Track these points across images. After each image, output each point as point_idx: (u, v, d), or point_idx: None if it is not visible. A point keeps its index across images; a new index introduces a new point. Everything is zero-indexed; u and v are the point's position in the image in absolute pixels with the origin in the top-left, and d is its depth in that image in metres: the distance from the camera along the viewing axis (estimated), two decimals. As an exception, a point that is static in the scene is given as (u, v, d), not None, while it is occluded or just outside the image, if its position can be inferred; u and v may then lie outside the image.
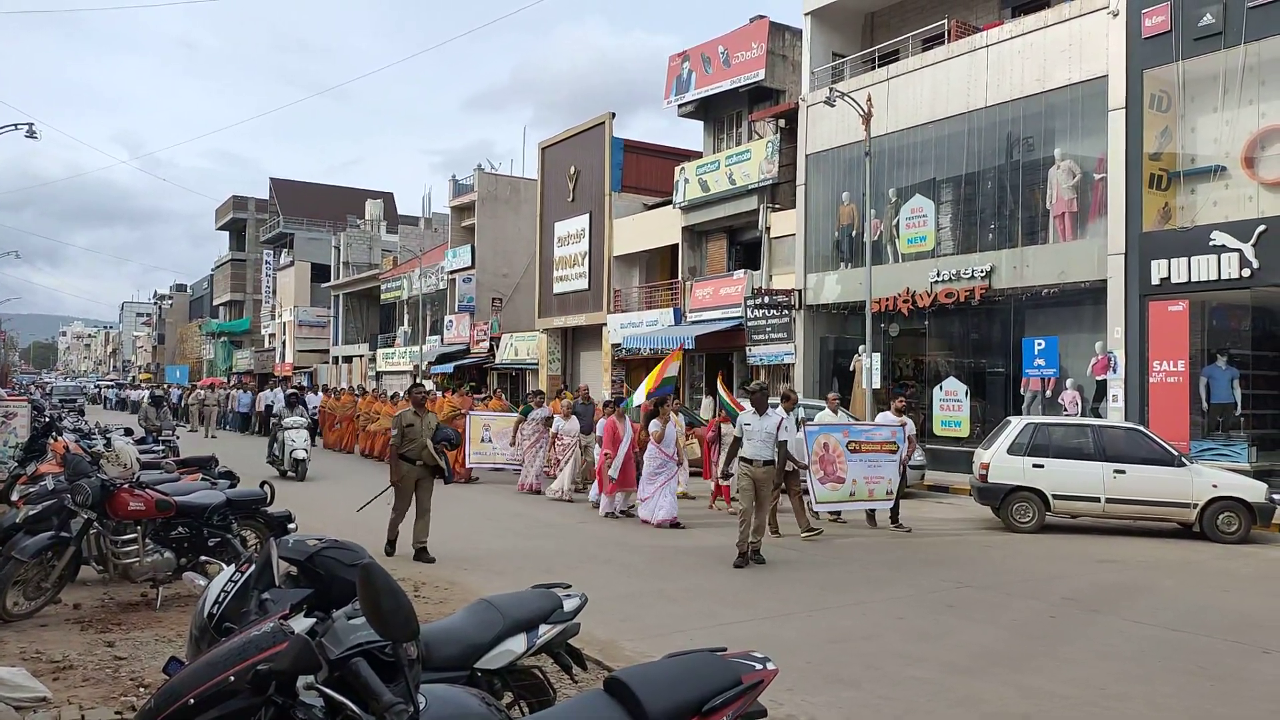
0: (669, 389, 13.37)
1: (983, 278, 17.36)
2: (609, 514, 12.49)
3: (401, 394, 25.31)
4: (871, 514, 12.08)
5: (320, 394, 28.81)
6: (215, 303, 72.73)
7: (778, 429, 9.36)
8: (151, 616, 6.74)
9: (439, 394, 22.00)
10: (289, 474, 16.77)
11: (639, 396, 13.63)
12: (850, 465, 11.64)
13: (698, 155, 26.20)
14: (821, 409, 13.57)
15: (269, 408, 28.51)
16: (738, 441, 9.54)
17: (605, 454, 12.70)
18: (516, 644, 3.70)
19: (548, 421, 15.23)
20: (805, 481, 11.41)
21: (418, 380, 20.88)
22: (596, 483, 13.21)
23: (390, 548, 9.39)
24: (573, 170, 29.76)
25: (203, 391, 34.92)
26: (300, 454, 16.83)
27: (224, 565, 5.15)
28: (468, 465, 16.47)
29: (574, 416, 14.90)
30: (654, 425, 12.43)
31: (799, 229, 21.42)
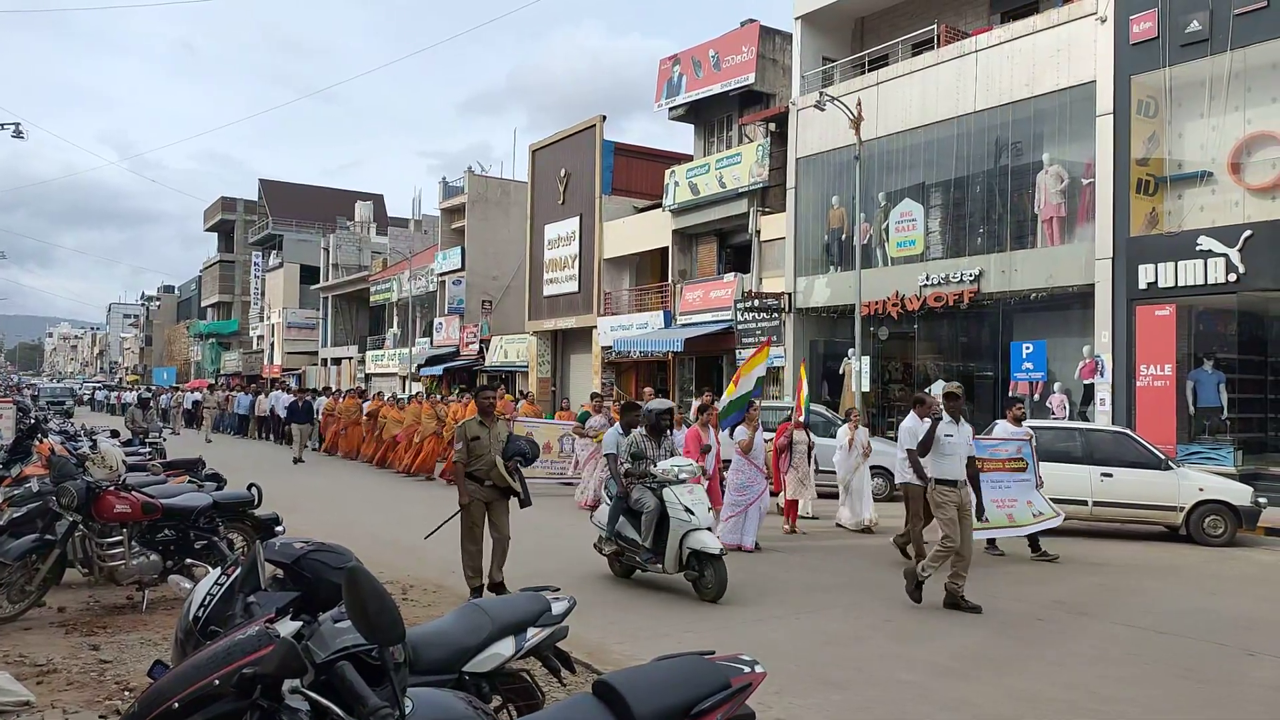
0: (756, 391, 11.27)
1: (971, 281, 17.41)
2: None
3: (393, 396, 25.20)
4: (1034, 542, 10.25)
5: (324, 396, 27.20)
6: (203, 304, 72.44)
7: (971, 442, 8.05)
8: (137, 619, 6.69)
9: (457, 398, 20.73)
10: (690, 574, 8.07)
11: (726, 401, 11.24)
12: None
13: (688, 158, 26.22)
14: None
15: (272, 410, 27.60)
16: (915, 453, 8.09)
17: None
18: (505, 647, 3.69)
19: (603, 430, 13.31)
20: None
21: (485, 385, 17.17)
22: None
23: (477, 593, 7.65)
24: (563, 173, 29.73)
25: (198, 394, 34.60)
26: (710, 542, 7.90)
27: (210, 568, 5.12)
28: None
29: None
30: (740, 433, 10.78)
31: (789, 232, 21.45)
